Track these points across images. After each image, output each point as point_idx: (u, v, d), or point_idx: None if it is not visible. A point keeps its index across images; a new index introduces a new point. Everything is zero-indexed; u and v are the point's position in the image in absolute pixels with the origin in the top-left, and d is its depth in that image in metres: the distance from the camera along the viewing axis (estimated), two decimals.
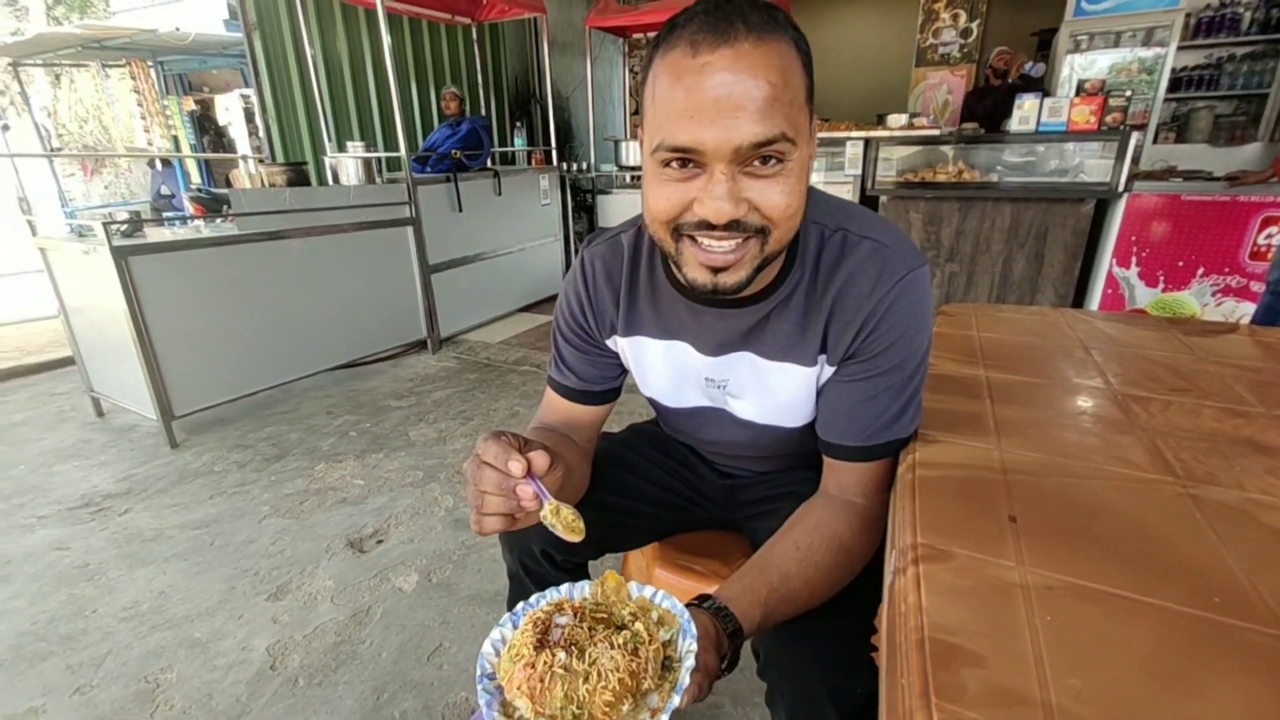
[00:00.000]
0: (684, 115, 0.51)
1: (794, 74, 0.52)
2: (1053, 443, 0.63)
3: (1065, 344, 0.95)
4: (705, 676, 0.49)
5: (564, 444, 0.76)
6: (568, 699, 0.45)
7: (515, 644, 0.49)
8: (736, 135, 0.50)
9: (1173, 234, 2.85)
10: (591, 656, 0.47)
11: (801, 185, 0.55)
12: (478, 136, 3.55)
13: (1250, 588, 0.42)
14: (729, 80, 0.49)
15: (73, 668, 1.30)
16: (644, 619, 0.51)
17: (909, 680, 0.36)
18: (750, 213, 0.54)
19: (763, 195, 0.53)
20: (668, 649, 0.50)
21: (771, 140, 0.50)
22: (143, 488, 2.03)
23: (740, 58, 0.49)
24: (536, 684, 0.46)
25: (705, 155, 0.51)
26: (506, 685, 0.48)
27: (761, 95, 0.49)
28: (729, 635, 0.54)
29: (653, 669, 0.48)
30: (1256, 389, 0.76)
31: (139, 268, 2.13)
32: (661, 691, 0.48)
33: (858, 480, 0.66)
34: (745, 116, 0.50)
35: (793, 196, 0.54)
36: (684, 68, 0.50)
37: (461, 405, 2.65)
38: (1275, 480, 0.55)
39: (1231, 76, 4.05)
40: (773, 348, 0.68)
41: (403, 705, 1.20)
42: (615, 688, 0.45)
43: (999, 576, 0.44)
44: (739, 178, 0.52)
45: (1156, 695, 0.34)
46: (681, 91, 0.50)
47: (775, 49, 0.50)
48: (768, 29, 0.50)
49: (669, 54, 0.52)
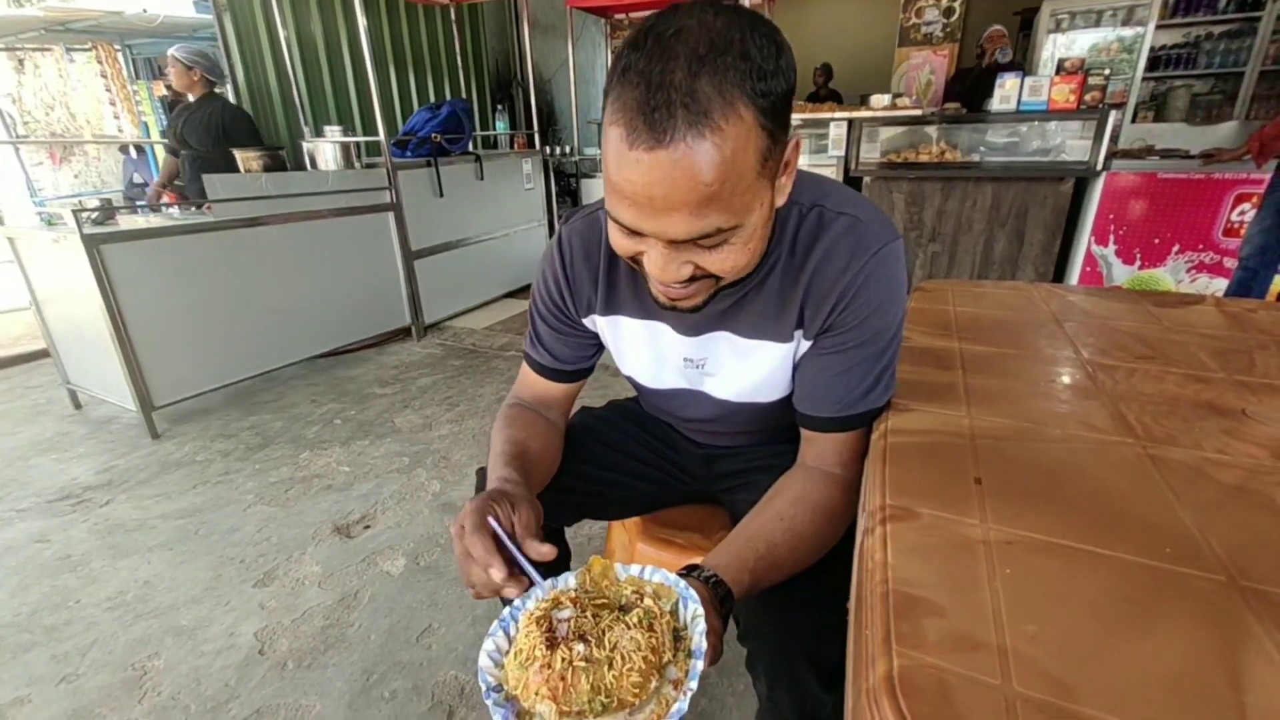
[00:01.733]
0: (622, 199, 0.50)
1: (742, 155, 0.48)
2: (1021, 410, 0.65)
3: (1038, 317, 0.97)
4: (717, 638, 0.50)
5: (538, 434, 0.78)
6: (594, 690, 0.43)
7: (522, 648, 0.47)
8: (671, 231, 0.50)
9: (1149, 211, 2.90)
10: (611, 641, 0.45)
11: (751, 242, 0.55)
12: (458, 119, 3.49)
13: (1201, 539, 0.44)
14: (662, 181, 0.47)
15: (58, 657, 1.29)
16: (647, 594, 0.50)
17: (872, 630, 0.37)
18: (696, 269, 0.55)
19: (706, 260, 0.54)
20: (674, 621, 0.50)
21: (707, 234, 0.51)
22: (124, 479, 2.00)
23: (674, 160, 0.46)
24: (558, 683, 0.43)
25: (645, 235, 0.52)
26: (522, 693, 0.45)
27: (696, 197, 0.48)
28: (719, 601, 0.55)
29: (669, 641, 0.47)
30: (1218, 356, 0.78)
31: (112, 256, 2.08)
32: (677, 662, 0.47)
33: (834, 450, 0.68)
34: (679, 216, 0.49)
35: (739, 258, 0.55)
36: (622, 155, 0.48)
37: (447, 391, 2.64)
38: (1232, 440, 0.57)
39: (1209, 55, 4.09)
40: (750, 326, 0.69)
41: (393, 685, 1.21)
42: (641, 667, 0.44)
43: (962, 534, 0.45)
44: (682, 249, 0.53)
45: (1105, 638, 0.35)
46: (620, 177, 0.49)
47: (718, 139, 0.46)
48: (711, 112, 0.45)
49: (613, 126, 0.48)
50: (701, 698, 1.16)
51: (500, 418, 0.79)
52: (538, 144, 4.42)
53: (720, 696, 1.16)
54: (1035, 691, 0.32)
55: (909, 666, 0.34)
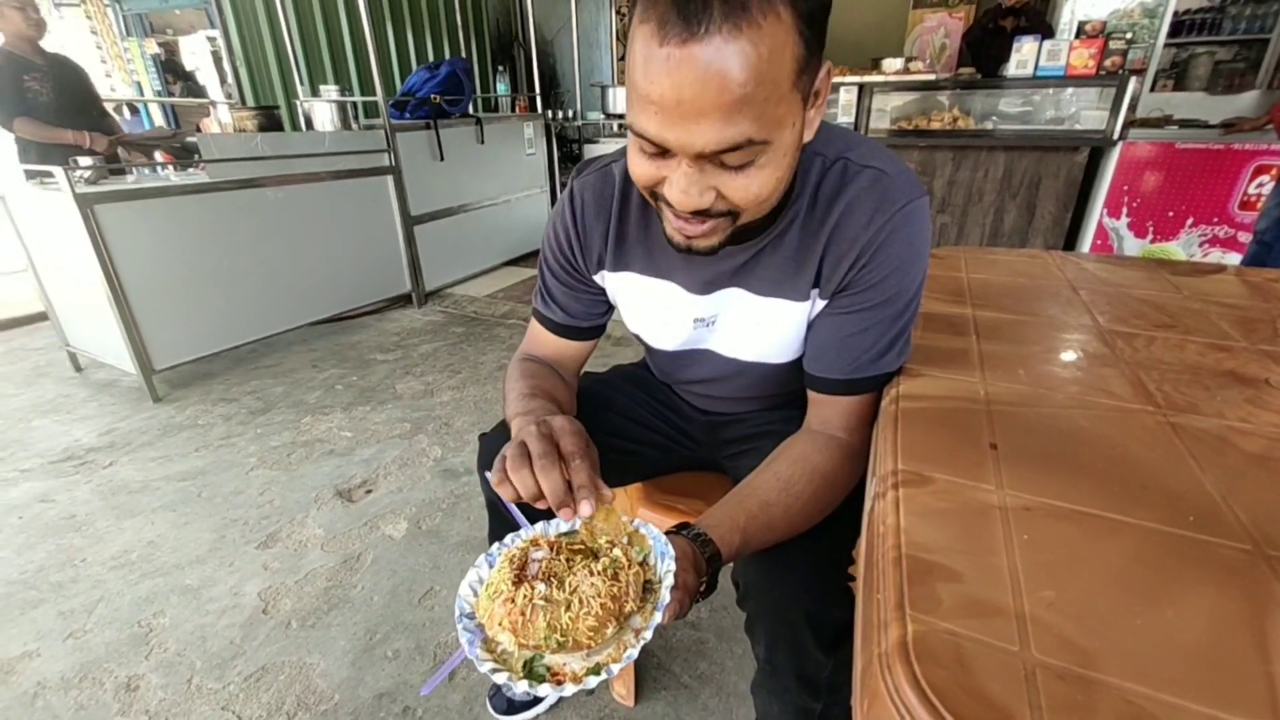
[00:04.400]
0: (648, 106, 0.47)
1: (778, 59, 0.45)
2: (1037, 376, 0.63)
3: (1054, 284, 0.95)
4: (685, 594, 0.50)
5: (560, 388, 0.76)
6: (550, 628, 0.45)
7: (493, 582, 0.50)
8: (699, 140, 0.47)
9: (1165, 183, 2.83)
10: (571, 585, 0.47)
11: (779, 170, 0.52)
12: (458, 80, 3.39)
13: (1225, 508, 0.42)
14: (693, 81, 0.44)
15: (65, 614, 1.31)
16: (620, 544, 0.51)
17: (884, 595, 0.36)
18: (718, 200, 0.53)
19: (730, 185, 0.52)
20: (648, 573, 0.51)
21: (736, 145, 0.48)
22: (126, 441, 2.01)
23: (707, 57, 0.43)
24: (518, 617, 0.46)
25: (670, 149, 0.49)
26: (487, 622, 0.48)
27: (729, 99, 0.45)
28: (707, 560, 0.54)
29: (634, 591, 0.48)
30: (1240, 325, 0.76)
31: (106, 216, 2.05)
32: (644, 613, 0.49)
33: (841, 414, 0.66)
34: (708, 122, 0.46)
35: (764, 186, 0.52)
36: (651, 55, 0.45)
37: (449, 359, 2.63)
38: (1255, 409, 0.55)
39: (1234, 20, 3.95)
40: (765, 283, 0.66)
41: (395, 645, 1.22)
42: (598, 613, 0.46)
43: (978, 499, 0.44)
44: (706, 169, 0.50)
45: (1127, 604, 0.34)
46: (647, 81, 0.46)
47: (754, 36, 0.43)
48: (749, 5, 0.43)
49: (643, 24, 0.46)
50: (701, 661, 1.17)
51: (516, 369, 0.77)
52: (539, 108, 4.32)
53: (720, 660, 1.17)
54: (1055, 658, 0.31)
55: (923, 632, 0.33)
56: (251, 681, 1.15)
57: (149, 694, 1.13)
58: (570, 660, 0.46)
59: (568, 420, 0.57)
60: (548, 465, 0.53)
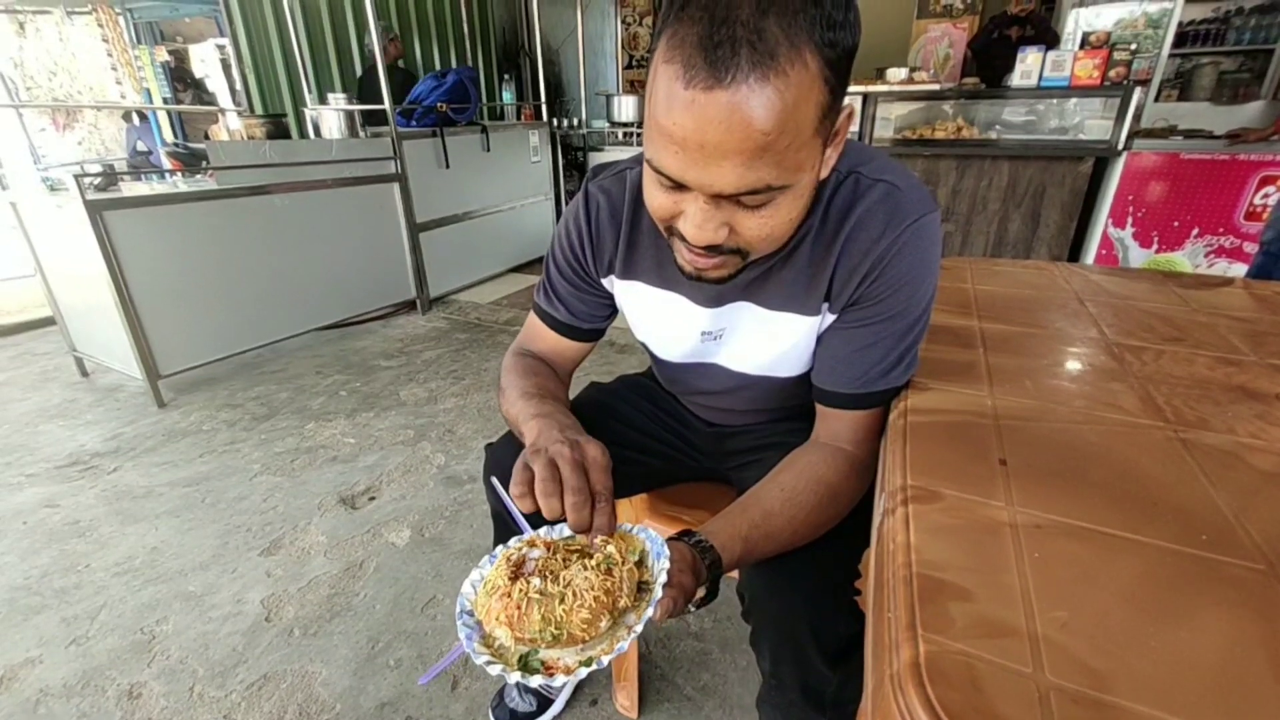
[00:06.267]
0: (669, 145, 0.47)
1: (803, 107, 0.45)
2: (1045, 390, 0.63)
3: (1060, 296, 0.94)
4: (680, 593, 0.50)
5: (561, 389, 0.77)
6: (545, 621, 0.46)
7: (490, 579, 0.51)
8: (719, 183, 0.47)
9: (1170, 193, 2.82)
10: (565, 579, 0.48)
11: (793, 211, 0.53)
12: (464, 88, 3.41)
13: (1238, 526, 0.42)
14: (717, 126, 0.44)
15: (68, 620, 1.31)
16: (615, 542, 0.53)
17: (895, 614, 0.35)
18: (731, 236, 0.53)
19: (745, 223, 0.52)
20: (644, 573, 0.52)
21: (754, 190, 0.48)
22: (131, 446, 2.01)
23: (733, 104, 0.43)
24: (514, 611, 0.47)
25: (688, 186, 0.50)
26: (485, 618, 0.49)
27: (751, 146, 0.45)
28: (707, 566, 0.54)
29: (628, 588, 0.49)
30: (1250, 339, 0.76)
31: (115, 223, 2.06)
32: (638, 610, 0.49)
33: (849, 428, 0.66)
34: (729, 165, 0.46)
35: (778, 225, 0.53)
36: (674, 94, 0.45)
37: (452, 365, 2.63)
38: (1267, 425, 0.55)
39: (1239, 30, 3.95)
40: (775, 297, 0.66)
41: (398, 654, 1.22)
42: (591, 605, 0.47)
43: (988, 516, 0.43)
44: (723, 205, 0.51)
45: (1141, 625, 0.34)
46: (669, 120, 0.46)
47: (781, 84, 0.43)
48: (778, 54, 0.42)
49: (668, 64, 0.45)
50: (704, 673, 1.16)
51: (516, 363, 0.77)
52: (545, 116, 4.34)
53: (723, 672, 1.17)
54: (1069, 681, 0.31)
55: (935, 653, 0.32)
56: (254, 690, 1.14)
57: (151, 702, 1.12)
58: (564, 655, 0.47)
59: (601, 452, 0.56)
60: (580, 504, 0.51)
